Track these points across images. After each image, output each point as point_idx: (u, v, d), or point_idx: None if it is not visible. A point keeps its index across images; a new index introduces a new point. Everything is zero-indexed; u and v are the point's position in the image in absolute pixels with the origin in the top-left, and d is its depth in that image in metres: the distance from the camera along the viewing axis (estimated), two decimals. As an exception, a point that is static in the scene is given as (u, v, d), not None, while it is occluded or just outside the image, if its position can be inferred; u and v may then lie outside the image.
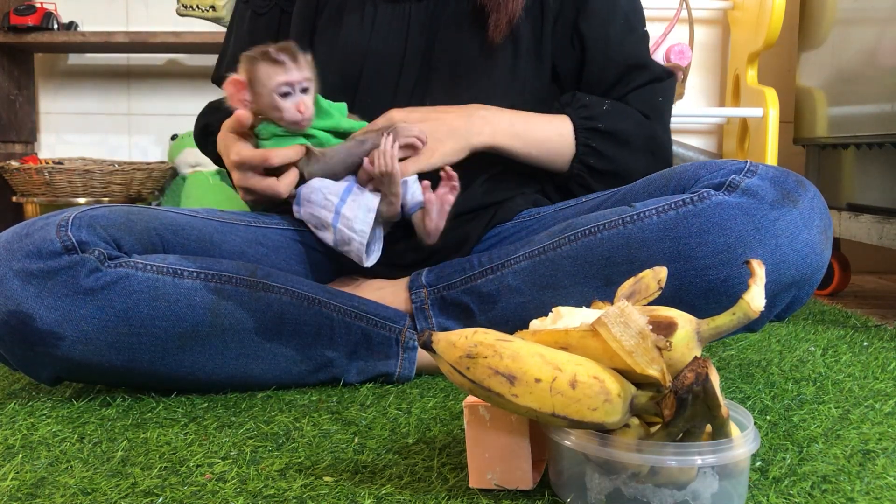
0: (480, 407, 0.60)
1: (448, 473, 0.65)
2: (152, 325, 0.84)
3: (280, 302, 0.90)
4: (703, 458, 0.53)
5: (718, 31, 2.23)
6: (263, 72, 0.93)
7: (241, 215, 1.04)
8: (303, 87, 0.94)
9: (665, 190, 0.90)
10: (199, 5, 2.05)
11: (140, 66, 2.28)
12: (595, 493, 0.56)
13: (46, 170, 1.98)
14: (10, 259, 0.82)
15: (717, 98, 2.25)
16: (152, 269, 0.85)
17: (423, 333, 0.57)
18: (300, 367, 0.92)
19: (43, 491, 0.62)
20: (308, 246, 1.05)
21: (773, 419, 0.81)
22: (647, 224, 0.85)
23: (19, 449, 0.72)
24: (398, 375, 0.95)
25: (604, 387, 0.54)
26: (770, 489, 0.63)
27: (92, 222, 0.85)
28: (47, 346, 0.82)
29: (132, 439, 0.75)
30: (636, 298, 0.64)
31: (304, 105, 0.94)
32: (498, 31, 1.05)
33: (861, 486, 0.64)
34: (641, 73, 1.10)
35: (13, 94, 2.18)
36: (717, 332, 0.58)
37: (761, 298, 0.57)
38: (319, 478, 0.65)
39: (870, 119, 1.57)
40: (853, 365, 1.05)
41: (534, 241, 0.93)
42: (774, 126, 1.84)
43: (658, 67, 1.13)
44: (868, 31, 1.61)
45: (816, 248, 0.84)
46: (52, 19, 2.06)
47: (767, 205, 0.82)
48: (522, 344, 0.56)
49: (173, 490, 0.62)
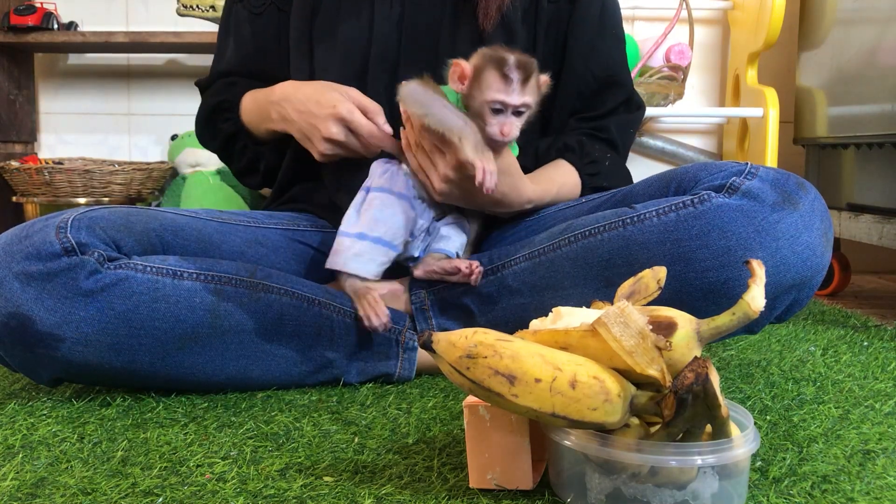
0: (480, 407, 0.60)
1: (448, 473, 0.65)
2: (152, 327, 0.84)
3: (280, 303, 0.90)
4: (703, 458, 0.53)
5: (718, 31, 2.23)
6: (489, 79, 0.90)
7: (241, 216, 1.04)
8: (518, 110, 0.91)
9: (665, 191, 0.90)
10: (199, 5, 2.05)
11: (140, 66, 2.28)
12: (595, 493, 0.56)
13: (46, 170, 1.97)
14: (10, 261, 0.82)
15: (717, 98, 2.25)
16: (152, 270, 0.85)
17: (424, 333, 0.58)
18: (300, 368, 0.92)
19: (43, 491, 0.62)
20: (308, 246, 1.05)
21: (773, 419, 0.81)
22: (647, 226, 0.85)
23: (19, 449, 0.72)
24: (398, 376, 0.95)
25: (604, 387, 0.54)
26: (770, 489, 0.63)
27: (91, 224, 0.85)
28: (47, 348, 0.82)
29: (132, 439, 0.75)
30: (636, 298, 0.64)
31: (509, 127, 0.90)
32: (488, 18, 1.05)
33: (861, 486, 0.64)
34: (619, 90, 1.11)
35: (13, 94, 2.18)
36: (717, 332, 0.58)
37: (761, 298, 0.57)
38: (319, 478, 0.65)
39: (870, 119, 1.57)
40: (853, 365, 1.05)
41: (534, 242, 0.93)
42: (774, 126, 1.84)
43: (634, 91, 1.14)
44: (868, 31, 1.61)
45: (817, 250, 0.84)
46: (52, 19, 2.06)
47: (768, 207, 0.82)
48: (522, 344, 0.56)
49: (173, 490, 0.62)
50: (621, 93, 1.11)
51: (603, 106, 1.10)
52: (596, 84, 1.10)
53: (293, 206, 1.14)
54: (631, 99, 1.13)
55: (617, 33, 1.13)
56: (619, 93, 1.11)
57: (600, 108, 1.10)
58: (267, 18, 1.14)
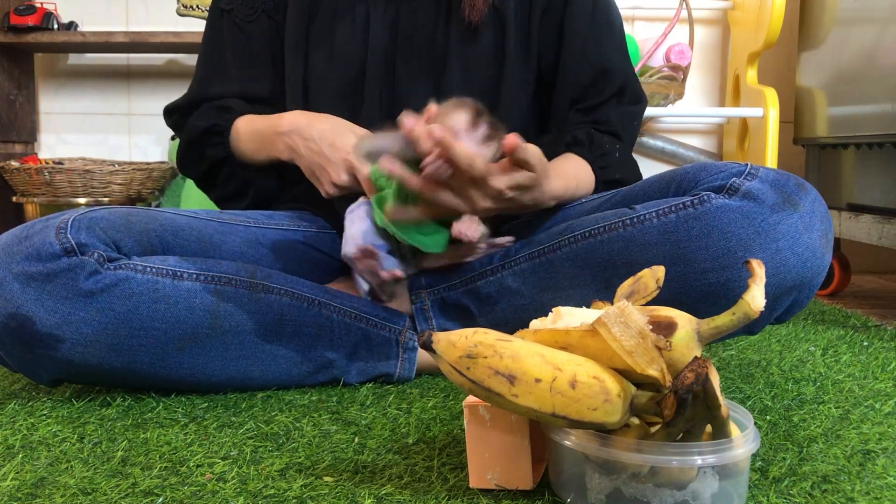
0: (480, 407, 0.60)
1: (448, 473, 0.65)
2: (152, 328, 0.84)
3: (280, 303, 0.90)
4: (703, 458, 0.53)
5: (718, 31, 2.23)
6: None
7: (241, 216, 1.04)
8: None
9: (665, 192, 0.90)
10: (199, 5, 2.05)
11: (140, 66, 2.28)
12: (595, 493, 0.56)
13: (46, 170, 1.98)
14: (10, 262, 0.82)
15: (717, 98, 2.25)
16: (152, 270, 0.85)
17: (423, 333, 0.58)
18: (300, 369, 0.92)
19: (43, 491, 0.62)
20: (308, 246, 1.05)
21: (773, 419, 0.81)
22: (647, 227, 0.85)
23: (19, 449, 0.72)
24: (398, 376, 0.95)
25: (604, 387, 0.54)
26: (770, 489, 0.63)
27: (91, 224, 0.85)
28: (47, 349, 0.82)
29: (132, 439, 0.75)
30: (635, 298, 0.64)
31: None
32: (475, 11, 1.04)
33: (861, 486, 0.64)
34: (614, 77, 1.09)
35: (13, 94, 2.18)
36: (717, 332, 0.58)
37: (761, 298, 0.57)
38: (319, 478, 0.65)
39: (870, 119, 1.57)
40: (853, 365, 1.05)
41: (534, 242, 0.93)
42: (774, 126, 1.84)
43: (637, 83, 1.12)
44: (868, 31, 1.61)
45: (817, 251, 0.83)
46: (52, 19, 2.06)
47: (768, 208, 0.82)
48: (522, 344, 0.56)
49: (173, 490, 0.62)
50: (616, 80, 1.09)
51: (599, 95, 1.09)
52: (591, 73, 1.08)
53: (293, 206, 1.14)
54: (627, 87, 1.11)
55: (610, 21, 1.11)
56: (615, 81, 1.09)
57: (596, 98, 1.09)
58: (258, 26, 1.11)
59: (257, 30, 1.11)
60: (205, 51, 1.15)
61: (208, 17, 1.16)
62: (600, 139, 1.07)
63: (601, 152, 1.06)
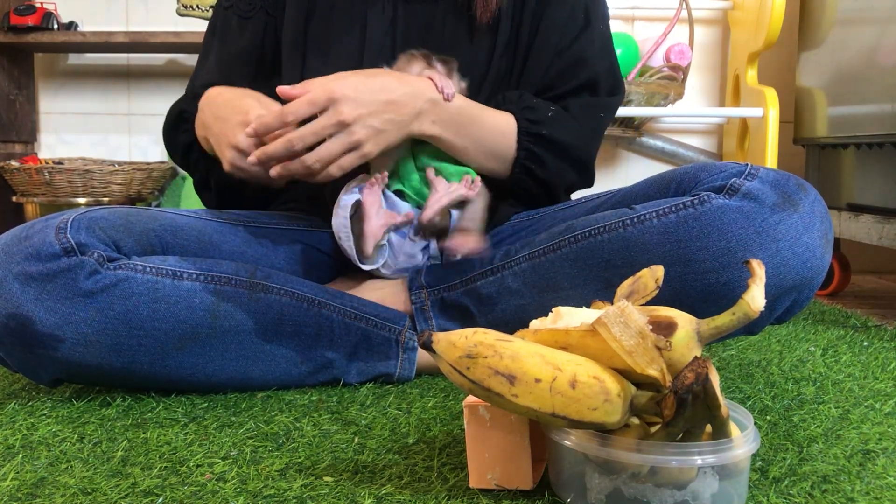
0: (480, 407, 0.60)
1: (448, 473, 0.65)
2: (152, 328, 0.84)
3: (280, 303, 0.90)
4: (703, 458, 0.53)
5: (718, 31, 2.23)
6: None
7: (241, 216, 1.04)
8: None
9: (665, 192, 0.90)
10: (199, 5, 2.05)
11: (140, 66, 2.28)
12: (595, 493, 0.56)
13: (46, 170, 1.98)
14: (10, 262, 0.82)
15: (717, 98, 2.25)
16: (152, 270, 0.85)
17: (423, 333, 0.58)
18: (300, 369, 0.92)
19: (43, 491, 0.62)
20: (308, 246, 1.05)
21: (773, 419, 0.81)
22: (647, 227, 0.85)
23: (19, 449, 0.72)
24: (398, 376, 0.95)
25: (604, 387, 0.54)
26: (770, 489, 0.63)
27: (91, 224, 0.85)
28: (47, 349, 0.82)
29: (132, 439, 0.75)
30: (634, 298, 0.64)
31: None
32: (487, 11, 1.04)
33: (861, 486, 0.64)
34: (582, 70, 1.07)
35: (13, 94, 2.18)
36: (717, 332, 0.58)
37: (761, 298, 0.57)
38: (319, 478, 0.65)
39: (870, 119, 1.57)
40: (853, 365, 1.05)
41: (534, 243, 0.93)
42: (774, 126, 1.84)
43: (614, 79, 1.11)
44: (868, 31, 1.61)
45: (817, 252, 0.83)
46: (52, 19, 2.06)
47: (768, 209, 0.82)
48: (522, 344, 0.56)
49: (173, 490, 0.62)
50: (584, 73, 1.07)
51: (564, 85, 1.07)
52: (560, 64, 1.07)
53: (293, 205, 1.14)
54: (598, 82, 1.08)
55: (589, 18, 1.10)
56: (582, 73, 1.07)
57: (560, 88, 1.07)
58: (255, 22, 1.11)
59: (254, 26, 1.12)
60: (203, 48, 1.17)
61: (212, 15, 1.17)
62: (532, 99, 1.05)
63: (528, 105, 1.04)
